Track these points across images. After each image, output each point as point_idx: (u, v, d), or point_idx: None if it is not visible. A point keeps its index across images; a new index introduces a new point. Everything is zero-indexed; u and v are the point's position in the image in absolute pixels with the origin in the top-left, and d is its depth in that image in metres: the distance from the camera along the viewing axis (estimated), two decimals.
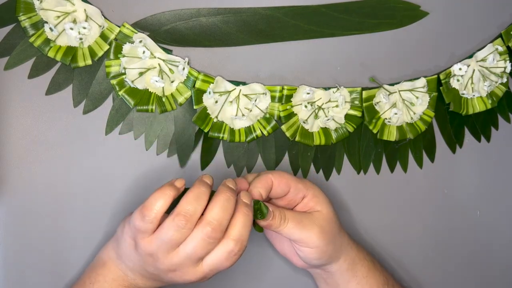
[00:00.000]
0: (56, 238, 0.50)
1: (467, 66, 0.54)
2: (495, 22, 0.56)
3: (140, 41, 0.49)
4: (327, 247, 0.45)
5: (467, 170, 0.57)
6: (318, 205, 0.46)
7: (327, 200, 0.47)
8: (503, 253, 0.58)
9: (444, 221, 0.56)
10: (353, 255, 0.48)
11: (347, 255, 0.47)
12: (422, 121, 0.54)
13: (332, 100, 0.52)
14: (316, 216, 0.45)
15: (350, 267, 0.47)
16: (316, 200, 0.46)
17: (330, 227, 0.46)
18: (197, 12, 0.50)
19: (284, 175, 0.46)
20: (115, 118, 0.50)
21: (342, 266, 0.47)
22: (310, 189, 0.46)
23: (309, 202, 0.46)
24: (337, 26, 0.53)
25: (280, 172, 0.47)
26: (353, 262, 0.48)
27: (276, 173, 0.46)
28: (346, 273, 0.48)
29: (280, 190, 0.46)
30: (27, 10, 0.47)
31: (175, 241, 0.40)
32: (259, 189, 0.44)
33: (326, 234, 0.45)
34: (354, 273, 0.48)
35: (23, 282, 0.50)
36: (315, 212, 0.46)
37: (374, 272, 0.49)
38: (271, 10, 0.51)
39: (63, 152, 0.50)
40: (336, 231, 0.47)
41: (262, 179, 0.45)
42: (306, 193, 0.46)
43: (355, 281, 0.48)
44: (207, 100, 0.50)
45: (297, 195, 0.46)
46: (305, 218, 0.45)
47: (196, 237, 0.39)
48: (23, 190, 0.50)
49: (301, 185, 0.46)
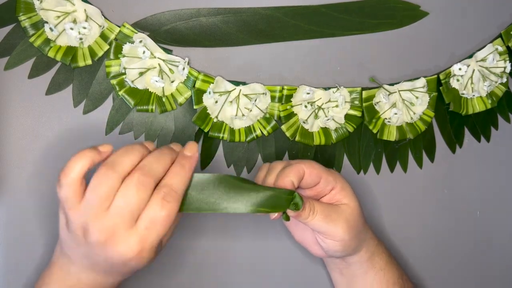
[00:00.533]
0: (56, 238, 0.50)
1: (467, 66, 0.54)
2: (495, 22, 0.56)
3: (140, 41, 0.49)
4: (351, 241, 0.45)
5: (467, 170, 0.57)
6: (345, 198, 0.46)
7: (354, 194, 0.47)
8: (503, 253, 0.58)
9: (444, 221, 0.56)
10: (373, 248, 0.48)
11: (368, 246, 0.47)
12: (422, 121, 0.54)
13: (332, 100, 0.52)
14: (343, 209, 0.45)
15: (369, 259, 0.48)
16: (344, 193, 0.46)
17: (356, 221, 0.45)
18: (197, 12, 0.50)
19: (315, 165, 0.45)
20: (115, 118, 0.50)
21: (362, 257, 0.47)
22: (339, 181, 0.46)
23: (336, 194, 0.46)
24: (337, 26, 0.53)
25: (312, 162, 0.46)
26: (373, 254, 0.48)
27: (307, 163, 0.45)
28: (365, 264, 0.48)
29: (310, 180, 0.45)
30: (27, 10, 0.47)
31: (104, 198, 0.35)
32: (291, 178, 0.43)
33: (352, 228, 0.45)
34: (373, 265, 0.48)
35: (23, 282, 0.50)
36: (342, 205, 0.46)
37: (391, 265, 0.49)
38: (271, 10, 0.52)
39: (63, 152, 0.50)
40: (361, 225, 0.46)
41: (294, 168, 0.44)
42: (335, 186, 0.46)
43: (373, 272, 0.48)
44: (207, 100, 0.50)
45: (326, 186, 0.46)
46: (333, 211, 0.45)
47: (126, 188, 0.36)
48: (23, 190, 0.50)
49: (331, 178, 0.46)
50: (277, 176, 0.44)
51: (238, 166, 0.53)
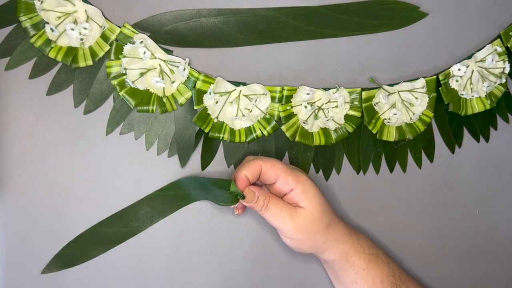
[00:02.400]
0: (56, 238, 0.50)
1: (466, 67, 0.54)
2: (494, 23, 0.56)
3: (140, 41, 0.49)
4: (303, 241, 0.47)
5: (466, 170, 0.57)
6: (303, 202, 0.47)
7: (317, 198, 0.48)
8: (503, 252, 0.58)
9: (443, 221, 0.57)
10: (345, 249, 0.49)
11: (334, 248, 0.48)
12: (421, 121, 0.54)
13: (332, 100, 0.53)
14: (297, 212, 0.47)
15: (342, 258, 0.49)
16: (304, 196, 0.47)
17: (309, 225, 0.47)
18: (197, 13, 0.51)
19: (275, 164, 0.48)
20: (115, 118, 0.50)
21: (330, 256, 0.49)
22: (300, 184, 0.47)
23: (295, 196, 0.47)
24: (337, 26, 0.53)
25: (273, 161, 0.48)
26: (347, 254, 0.49)
27: (268, 161, 0.48)
28: (339, 262, 0.49)
29: (267, 177, 0.48)
30: (28, 11, 0.47)
31: None
32: (245, 172, 0.47)
33: (302, 230, 0.47)
34: (350, 265, 0.49)
35: (24, 282, 0.50)
36: (299, 208, 0.47)
37: (377, 264, 0.49)
38: (271, 10, 0.52)
39: (64, 152, 0.50)
40: (319, 229, 0.48)
41: (251, 164, 0.47)
42: (294, 187, 0.47)
43: (353, 271, 0.49)
44: (208, 100, 0.51)
45: (285, 186, 0.48)
46: (285, 211, 0.47)
47: None
48: (23, 190, 0.50)
49: (291, 178, 0.47)
50: (236, 169, 0.48)
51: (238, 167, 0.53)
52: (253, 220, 0.53)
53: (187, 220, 0.52)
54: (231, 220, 0.53)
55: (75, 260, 0.50)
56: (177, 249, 0.52)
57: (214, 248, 0.53)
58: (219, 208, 0.53)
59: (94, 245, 0.50)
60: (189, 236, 0.52)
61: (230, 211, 0.53)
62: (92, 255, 0.51)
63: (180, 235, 0.52)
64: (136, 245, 0.52)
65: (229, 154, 0.52)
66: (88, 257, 0.51)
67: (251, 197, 0.46)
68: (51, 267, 0.50)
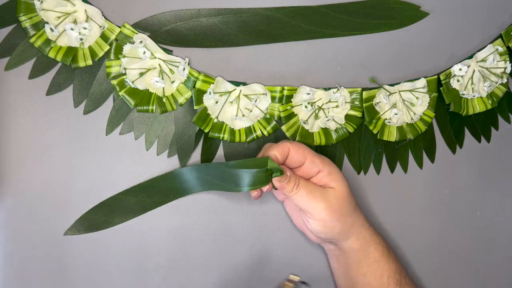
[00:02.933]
0: (56, 238, 0.50)
1: (467, 67, 0.54)
2: (495, 23, 0.56)
3: (140, 41, 0.49)
4: (333, 223, 0.46)
5: (467, 170, 0.57)
6: (332, 182, 0.47)
7: (343, 180, 0.48)
8: (503, 253, 0.58)
9: (444, 221, 0.56)
10: (366, 237, 0.48)
11: (359, 234, 0.48)
12: (422, 121, 0.54)
13: (333, 100, 0.52)
14: (327, 191, 0.47)
15: (362, 248, 0.48)
16: (331, 177, 0.47)
17: (340, 205, 0.47)
18: (197, 13, 0.50)
19: (302, 146, 0.47)
20: (115, 118, 0.50)
21: (353, 244, 0.48)
22: (327, 165, 0.47)
23: (323, 177, 0.47)
24: (338, 26, 0.53)
25: (299, 143, 0.48)
26: (366, 243, 0.48)
27: (294, 143, 0.47)
28: (357, 253, 0.48)
29: (295, 158, 0.47)
30: (28, 11, 0.47)
31: None
32: (275, 152, 0.46)
33: (333, 210, 0.46)
34: (366, 255, 0.48)
35: (24, 282, 0.50)
36: (329, 188, 0.47)
37: (388, 258, 0.49)
38: (272, 10, 0.52)
39: (64, 153, 0.50)
40: (348, 211, 0.47)
41: (279, 145, 0.46)
42: (322, 169, 0.47)
43: (367, 263, 0.48)
44: (208, 100, 0.50)
45: (312, 168, 0.47)
46: (316, 190, 0.46)
47: None
48: (23, 190, 0.50)
49: (318, 160, 0.47)
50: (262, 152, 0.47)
51: None
52: (254, 220, 0.53)
53: (188, 220, 0.52)
54: (231, 220, 0.53)
55: (98, 225, 0.50)
56: (177, 249, 0.52)
57: (215, 248, 0.53)
58: (220, 207, 0.52)
59: (117, 212, 0.50)
60: (189, 235, 0.52)
61: (230, 211, 0.53)
62: (115, 222, 0.51)
63: (181, 234, 0.52)
64: (136, 244, 0.51)
65: (229, 154, 0.52)
66: (110, 223, 0.50)
67: (284, 176, 0.45)
68: (74, 229, 0.50)
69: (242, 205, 0.53)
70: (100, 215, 0.50)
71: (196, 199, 0.52)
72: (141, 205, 0.51)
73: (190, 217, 0.52)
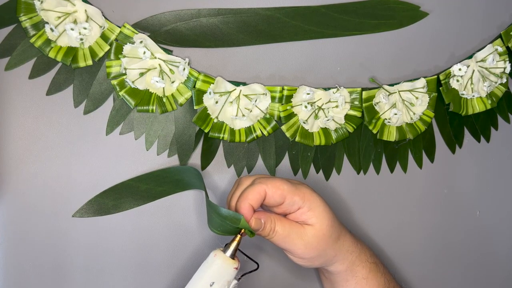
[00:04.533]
0: (56, 238, 0.50)
1: (466, 67, 0.54)
2: (495, 23, 0.56)
3: (140, 41, 0.49)
4: (314, 259, 0.46)
5: (466, 170, 0.57)
6: (312, 219, 0.45)
7: (324, 213, 0.46)
8: (503, 253, 0.58)
9: (443, 221, 0.56)
10: (352, 259, 0.48)
11: (343, 259, 0.47)
12: (422, 121, 0.54)
13: (332, 100, 0.53)
14: (305, 230, 0.45)
15: (348, 269, 0.48)
16: (311, 214, 0.45)
17: (318, 242, 0.45)
18: (197, 13, 0.51)
19: (280, 185, 0.44)
20: (115, 118, 0.50)
21: (338, 268, 0.48)
22: (307, 201, 0.45)
23: (303, 214, 0.45)
24: (337, 26, 0.53)
25: (277, 182, 0.44)
26: (353, 264, 0.48)
27: (272, 183, 0.44)
28: (344, 274, 0.48)
29: (273, 201, 0.44)
30: (28, 11, 0.47)
31: None
32: (249, 201, 0.43)
33: (312, 248, 0.45)
34: (354, 274, 0.48)
35: (24, 282, 0.50)
36: (307, 225, 0.45)
37: (376, 273, 0.49)
38: (271, 10, 0.52)
39: (64, 153, 0.50)
40: (328, 245, 0.46)
41: (254, 190, 0.43)
42: (302, 205, 0.45)
43: (354, 281, 0.48)
44: (208, 100, 0.50)
45: (292, 206, 0.45)
46: (294, 232, 0.45)
47: None
48: (23, 190, 0.50)
49: (297, 197, 0.44)
50: (238, 198, 0.44)
51: (238, 166, 0.53)
52: None
53: (188, 220, 0.52)
54: None
55: (107, 209, 0.50)
56: (177, 250, 0.52)
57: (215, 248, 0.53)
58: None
59: (127, 198, 0.51)
60: (189, 235, 0.52)
61: None
62: (123, 208, 0.51)
63: (181, 234, 0.52)
64: (137, 244, 0.52)
65: (229, 154, 0.52)
66: (119, 208, 0.51)
67: (258, 225, 0.43)
68: (83, 212, 0.50)
69: None
70: (110, 199, 0.50)
71: (197, 199, 0.52)
72: (151, 193, 0.51)
73: (190, 217, 0.52)
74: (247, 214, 0.43)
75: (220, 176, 0.53)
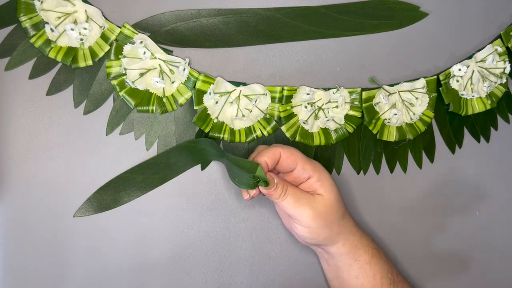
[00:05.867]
0: (56, 238, 0.50)
1: (466, 67, 0.54)
2: (495, 23, 0.56)
3: (140, 41, 0.49)
4: (320, 229, 0.47)
5: (466, 170, 0.57)
6: (321, 189, 0.47)
7: (332, 187, 0.48)
8: (503, 253, 0.58)
9: (443, 221, 0.56)
10: (355, 241, 0.49)
11: (346, 240, 0.48)
12: (422, 121, 0.54)
13: (332, 100, 0.53)
14: (315, 199, 0.47)
15: (351, 252, 0.48)
16: (321, 184, 0.47)
17: (327, 212, 0.47)
18: (197, 13, 0.51)
19: (294, 152, 0.47)
20: (115, 118, 0.50)
21: (340, 249, 0.48)
22: (317, 172, 0.47)
23: (313, 184, 0.47)
24: (337, 26, 0.53)
25: (291, 148, 0.47)
26: (355, 247, 0.49)
27: (286, 148, 0.47)
28: (346, 257, 0.49)
29: (286, 165, 0.47)
30: (28, 11, 0.47)
31: None
32: (265, 158, 0.46)
33: (320, 218, 0.46)
34: (356, 258, 0.49)
35: (23, 282, 0.50)
36: (317, 195, 0.47)
37: (379, 259, 0.49)
38: (271, 11, 0.52)
39: (64, 153, 0.50)
40: (335, 219, 0.47)
41: (270, 151, 0.46)
42: (312, 175, 0.47)
43: (357, 265, 0.49)
44: (208, 100, 0.50)
45: (302, 174, 0.47)
46: (303, 197, 0.46)
47: None
48: (23, 190, 0.50)
49: (308, 166, 0.47)
50: (256, 155, 0.47)
51: None
52: (255, 220, 0.53)
53: (188, 220, 0.52)
54: (232, 220, 0.53)
55: (107, 205, 0.50)
56: (177, 250, 0.52)
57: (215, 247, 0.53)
58: (221, 207, 0.53)
59: (125, 191, 0.51)
60: (190, 235, 0.52)
61: (231, 211, 0.53)
62: (123, 201, 0.51)
63: (181, 234, 0.52)
64: (137, 244, 0.52)
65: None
66: (119, 202, 0.51)
67: (271, 184, 0.45)
68: (83, 211, 0.50)
69: (243, 205, 0.53)
70: (108, 194, 0.50)
71: (197, 198, 0.52)
72: (147, 182, 0.51)
73: (190, 217, 0.52)
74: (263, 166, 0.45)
75: (220, 177, 0.52)
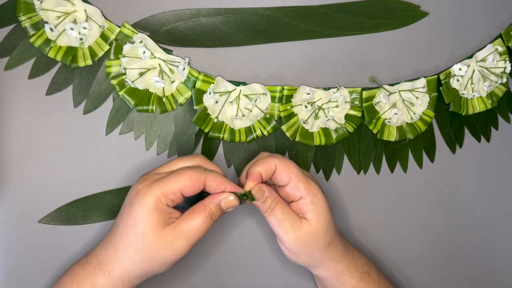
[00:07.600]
0: (56, 238, 0.50)
1: (467, 66, 0.54)
2: (495, 22, 0.56)
3: (140, 41, 0.49)
4: (299, 254, 0.46)
5: (467, 170, 0.57)
6: (311, 214, 0.45)
7: (324, 212, 0.45)
8: (503, 253, 0.58)
9: (444, 221, 0.56)
10: (339, 268, 0.47)
11: (328, 266, 0.47)
12: (422, 121, 0.54)
13: (332, 100, 0.52)
14: (301, 224, 0.45)
15: (334, 276, 0.47)
16: (311, 208, 0.45)
17: (309, 240, 0.45)
18: (197, 13, 0.50)
19: (291, 167, 0.45)
20: (115, 118, 0.50)
21: (322, 273, 0.48)
22: (310, 194, 0.45)
23: (304, 206, 0.45)
24: (337, 26, 0.53)
25: (289, 163, 0.45)
26: (339, 273, 0.47)
27: (283, 161, 0.45)
28: (330, 280, 0.48)
29: (280, 178, 0.45)
30: (28, 10, 0.47)
31: None
32: (259, 168, 0.44)
33: (301, 244, 0.45)
34: (342, 282, 0.47)
35: (23, 282, 0.50)
36: (304, 220, 0.45)
37: (368, 282, 0.48)
38: (271, 10, 0.52)
39: (63, 153, 0.50)
40: (319, 246, 0.45)
41: (266, 161, 0.45)
42: (305, 196, 0.45)
43: None
44: (208, 100, 0.50)
45: (295, 192, 0.45)
46: (290, 219, 0.44)
47: None
48: (23, 190, 0.50)
49: (303, 185, 0.45)
50: (250, 163, 0.46)
51: (238, 167, 0.53)
52: (255, 220, 0.53)
53: None
54: (232, 220, 0.53)
55: (75, 219, 0.50)
56: None
57: (215, 247, 0.53)
58: None
59: (96, 211, 0.50)
60: None
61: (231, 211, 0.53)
62: (92, 220, 0.50)
63: None
64: None
65: (229, 154, 0.52)
66: (88, 220, 0.50)
67: (260, 195, 0.44)
68: (49, 219, 0.50)
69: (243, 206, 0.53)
70: (79, 209, 0.50)
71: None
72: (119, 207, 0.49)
73: None
74: (253, 178, 0.44)
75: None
